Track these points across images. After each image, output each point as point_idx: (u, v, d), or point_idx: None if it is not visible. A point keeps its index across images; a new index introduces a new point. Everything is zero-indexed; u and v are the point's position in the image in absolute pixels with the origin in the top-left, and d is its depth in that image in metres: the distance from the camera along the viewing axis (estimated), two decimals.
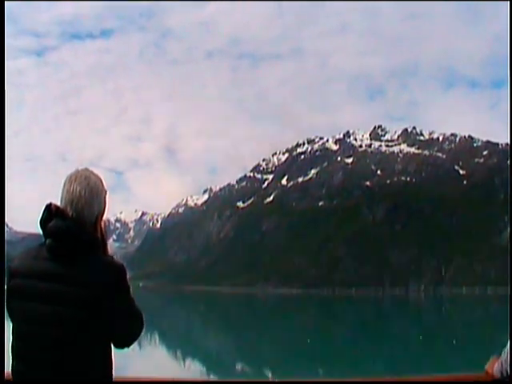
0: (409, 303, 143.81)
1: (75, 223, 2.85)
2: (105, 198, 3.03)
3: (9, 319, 2.99)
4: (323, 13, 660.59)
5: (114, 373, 2.96)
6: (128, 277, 2.92)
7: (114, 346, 2.95)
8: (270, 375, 30.60)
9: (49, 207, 2.88)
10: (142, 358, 36.48)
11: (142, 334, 3.05)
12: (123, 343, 2.98)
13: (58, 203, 2.93)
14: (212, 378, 28.99)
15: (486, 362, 3.91)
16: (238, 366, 36.16)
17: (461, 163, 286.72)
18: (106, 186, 3.05)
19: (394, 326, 67.91)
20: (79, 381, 2.79)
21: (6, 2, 3.59)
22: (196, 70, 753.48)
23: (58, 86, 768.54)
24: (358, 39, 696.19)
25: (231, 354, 43.87)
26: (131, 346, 3.06)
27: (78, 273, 2.77)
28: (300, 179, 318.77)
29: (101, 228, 3.02)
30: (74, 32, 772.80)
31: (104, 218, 3.06)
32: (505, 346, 3.43)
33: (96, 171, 3.02)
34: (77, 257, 2.80)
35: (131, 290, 2.93)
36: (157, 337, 50.44)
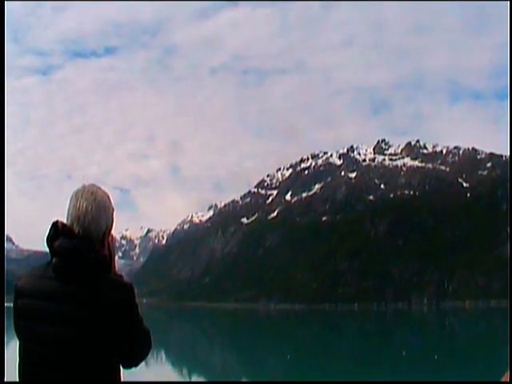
0: (412, 317, 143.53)
1: (82, 241, 2.79)
2: (112, 213, 2.98)
3: (16, 338, 2.91)
4: (327, 27, 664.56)
5: None
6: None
7: (123, 366, 2.91)
8: None
9: (55, 225, 2.83)
10: (147, 374, 36.88)
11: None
12: (132, 363, 2.94)
13: (65, 220, 2.88)
14: None
15: (493, 374, 4.17)
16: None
17: (464, 176, 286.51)
18: (113, 202, 3.00)
19: (397, 340, 68.09)
20: None
21: (5, 3, 3.79)
22: (200, 86, 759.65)
23: (63, 104, 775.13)
24: (363, 52, 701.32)
25: (235, 370, 44.17)
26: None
27: (86, 293, 2.72)
28: (304, 194, 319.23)
29: (108, 244, 2.98)
30: (78, 50, 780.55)
31: (112, 234, 3.02)
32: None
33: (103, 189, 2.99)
34: (85, 276, 2.75)
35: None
36: (161, 354, 50.77)
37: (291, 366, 43.97)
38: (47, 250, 2.84)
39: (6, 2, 3.68)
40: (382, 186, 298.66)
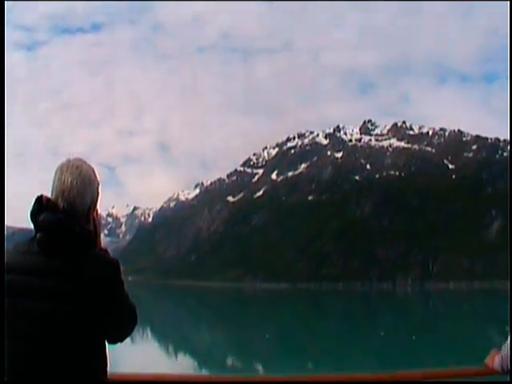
0: (396, 298, 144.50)
1: (67, 216, 2.74)
2: (97, 188, 2.94)
3: None
4: (315, 8, 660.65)
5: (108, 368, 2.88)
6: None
7: (108, 341, 2.88)
8: (260, 370, 31.15)
9: (39, 199, 2.77)
10: (133, 352, 37.06)
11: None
12: (117, 338, 2.90)
13: (49, 195, 2.82)
14: (203, 372, 29.50)
15: (476, 355, 4.34)
16: (229, 361, 36.68)
17: (450, 157, 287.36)
18: (98, 177, 2.95)
19: (381, 321, 68.59)
20: (76, 380, 2.71)
21: (6, 2, 3.82)
22: (187, 65, 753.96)
23: (49, 80, 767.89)
24: (350, 34, 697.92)
25: (221, 349, 44.38)
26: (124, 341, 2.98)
27: (71, 268, 2.68)
28: (290, 174, 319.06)
29: (94, 219, 2.93)
30: (65, 26, 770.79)
31: (97, 208, 2.97)
32: (506, 339, 3.54)
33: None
34: (69, 251, 2.71)
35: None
36: (147, 331, 50.98)
37: (273, 345, 44.33)
38: (32, 226, 2.79)
39: (5, 2, 3.64)
40: (368, 166, 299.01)
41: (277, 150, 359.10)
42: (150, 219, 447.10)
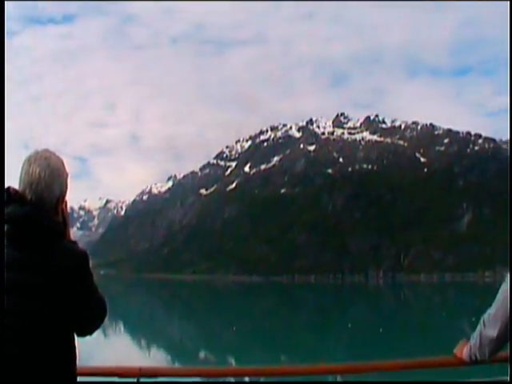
0: (368, 290, 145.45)
1: (35, 208, 2.68)
2: (66, 179, 2.88)
3: None
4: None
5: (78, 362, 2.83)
6: (90, 264, 2.81)
7: (77, 334, 2.84)
8: (233, 362, 31.33)
9: (7, 191, 2.73)
10: (105, 345, 37.10)
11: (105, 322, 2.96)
12: (87, 331, 2.86)
13: (17, 187, 2.76)
14: (177, 365, 29.60)
15: (445, 346, 4.55)
16: (202, 354, 36.86)
17: (422, 151, 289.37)
18: (67, 169, 2.88)
19: (353, 313, 69.18)
20: (46, 375, 2.64)
21: (6, 3, 3.88)
22: (160, 56, 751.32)
23: (19, 72, 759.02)
24: (323, 26, 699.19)
25: (194, 342, 44.56)
26: (94, 335, 2.96)
27: (39, 260, 2.63)
28: (263, 166, 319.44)
29: (62, 211, 2.88)
30: (36, 16, 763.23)
31: (66, 200, 2.91)
32: (473, 330, 3.74)
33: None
34: (37, 244, 2.65)
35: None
36: (119, 324, 50.95)
37: (245, 337, 44.55)
38: None
39: (5, 2, 3.60)
40: (341, 159, 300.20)
41: (250, 142, 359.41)
42: (122, 212, 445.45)
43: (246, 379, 4.53)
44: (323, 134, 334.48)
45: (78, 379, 2.89)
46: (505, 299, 3.27)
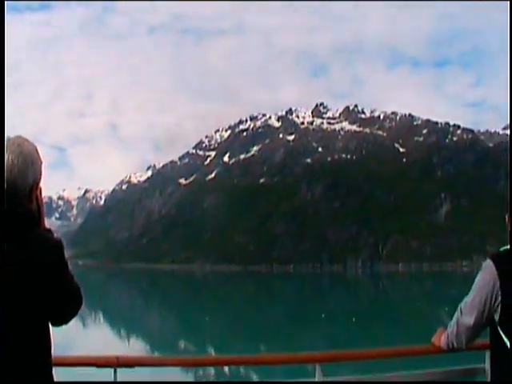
0: (346, 279, 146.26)
1: (8, 196, 2.57)
2: (40, 166, 2.76)
3: None
4: None
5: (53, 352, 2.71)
6: (68, 254, 2.74)
7: (52, 323, 2.75)
8: (212, 352, 31.49)
9: None
10: (85, 336, 37.11)
11: (82, 312, 2.90)
12: (62, 320, 2.81)
13: None
14: (156, 355, 29.72)
15: (424, 334, 4.71)
16: (181, 343, 36.96)
17: (401, 141, 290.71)
18: (42, 156, 2.77)
19: (331, 302, 69.57)
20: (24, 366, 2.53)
21: (5, 2, 3.91)
22: (139, 45, 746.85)
23: None
24: (303, 16, 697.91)
25: (173, 332, 44.64)
26: (72, 324, 2.91)
27: (13, 250, 2.52)
28: (242, 156, 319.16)
29: (37, 199, 2.77)
30: (12, 4, 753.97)
31: (40, 187, 2.79)
32: (450, 318, 3.88)
33: (38, 147, 2.78)
34: (11, 232, 2.54)
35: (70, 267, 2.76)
36: (98, 314, 50.95)
37: (224, 327, 44.74)
38: None
39: (5, 2, 3.60)
40: (320, 149, 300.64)
41: (229, 132, 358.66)
42: (101, 202, 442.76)
43: (226, 368, 4.60)
44: (302, 123, 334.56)
45: (55, 370, 2.77)
46: (481, 287, 3.32)
